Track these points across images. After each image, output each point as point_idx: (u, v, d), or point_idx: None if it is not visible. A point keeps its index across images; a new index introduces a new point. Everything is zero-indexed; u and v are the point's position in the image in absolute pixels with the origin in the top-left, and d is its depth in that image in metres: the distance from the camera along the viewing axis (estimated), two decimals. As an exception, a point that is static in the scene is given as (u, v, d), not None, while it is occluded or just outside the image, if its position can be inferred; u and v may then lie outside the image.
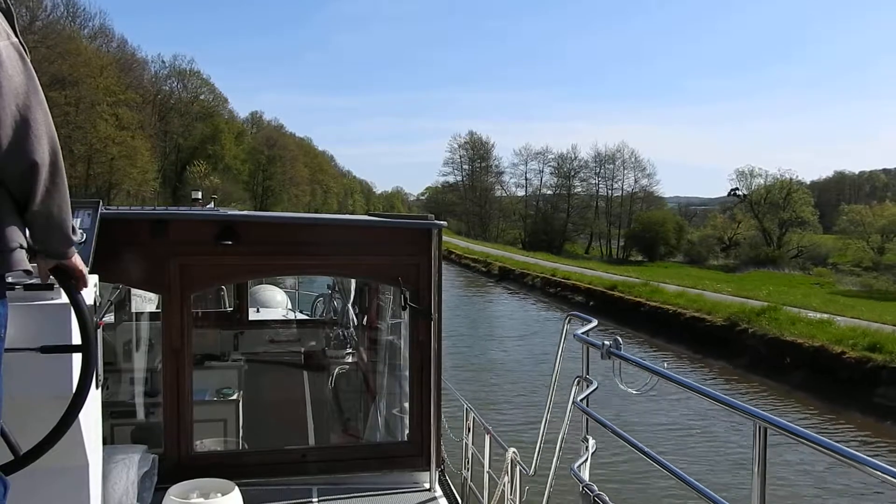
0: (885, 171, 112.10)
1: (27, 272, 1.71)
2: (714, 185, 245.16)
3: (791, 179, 67.31)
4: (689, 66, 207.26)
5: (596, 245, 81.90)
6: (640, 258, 70.30)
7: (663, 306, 22.44)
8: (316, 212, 64.22)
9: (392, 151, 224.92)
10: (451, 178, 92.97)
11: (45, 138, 1.59)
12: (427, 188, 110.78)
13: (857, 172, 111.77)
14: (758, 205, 66.83)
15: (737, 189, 71.94)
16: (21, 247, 1.64)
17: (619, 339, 3.01)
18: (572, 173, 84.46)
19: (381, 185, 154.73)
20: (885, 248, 51.14)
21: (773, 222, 65.03)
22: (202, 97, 75.52)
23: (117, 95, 56.76)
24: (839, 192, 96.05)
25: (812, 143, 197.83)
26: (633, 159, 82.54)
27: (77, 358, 2.15)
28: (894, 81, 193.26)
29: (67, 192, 1.72)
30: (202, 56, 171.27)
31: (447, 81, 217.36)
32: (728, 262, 62.56)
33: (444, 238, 4.68)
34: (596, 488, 2.72)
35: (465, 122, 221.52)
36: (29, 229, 1.70)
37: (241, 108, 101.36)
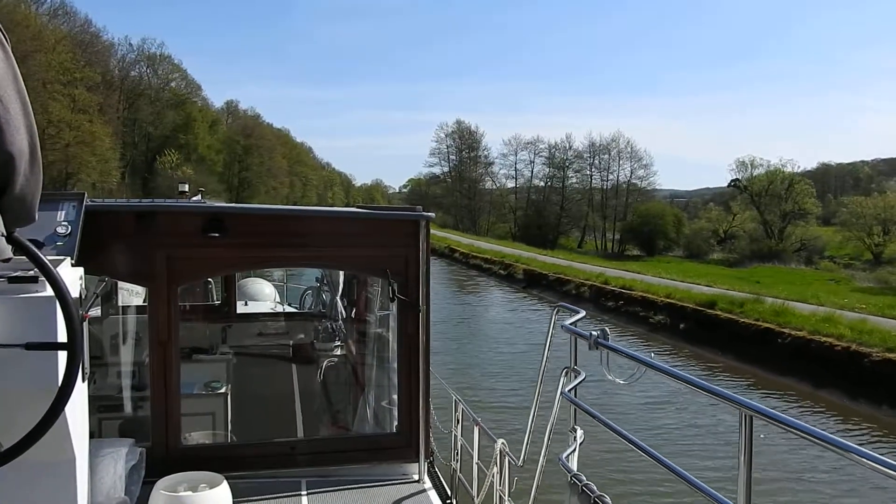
0: (863, 161, 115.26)
1: (5, 261, 1.73)
2: (695, 178, 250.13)
3: (792, 171, 68.05)
4: (670, 59, 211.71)
5: (589, 238, 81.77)
6: (636, 252, 70.39)
7: (817, 338, 16.28)
8: (295, 204, 63.93)
9: (372, 144, 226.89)
10: (437, 169, 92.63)
11: (23, 128, 1.64)
12: (409, 180, 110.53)
13: (835, 164, 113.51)
14: (759, 196, 67.22)
15: (737, 180, 72.35)
16: (2, 235, 1.68)
17: (607, 329, 3.18)
18: (566, 164, 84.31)
19: (360, 178, 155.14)
20: (886, 241, 51.72)
21: (775, 214, 65.45)
22: (173, 84, 74.70)
23: (72, 74, 53.72)
24: (824, 183, 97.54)
25: (793, 135, 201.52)
26: (629, 149, 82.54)
27: (63, 351, 2.22)
28: (870, 74, 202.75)
29: (41, 178, 1.77)
30: (181, 48, 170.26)
31: (429, 74, 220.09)
32: (729, 257, 62.79)
33: (441, 234, 4.84)
34: (584, 478, 2.84)
35: (447, 114, 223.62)
36: (1, 214, 1.74)
37: (219, 100, 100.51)
